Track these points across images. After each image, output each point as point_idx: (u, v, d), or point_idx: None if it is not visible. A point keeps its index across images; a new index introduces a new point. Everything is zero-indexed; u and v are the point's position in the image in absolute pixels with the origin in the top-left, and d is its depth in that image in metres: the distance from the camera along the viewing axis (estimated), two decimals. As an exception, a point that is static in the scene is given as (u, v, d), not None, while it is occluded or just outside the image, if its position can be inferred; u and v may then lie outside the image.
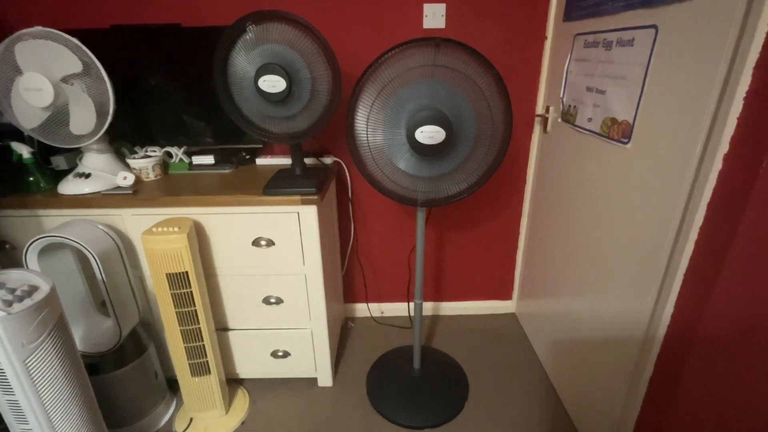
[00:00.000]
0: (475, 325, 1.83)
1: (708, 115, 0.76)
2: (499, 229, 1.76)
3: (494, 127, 1.03)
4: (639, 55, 0.94)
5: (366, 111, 1.01)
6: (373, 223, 1.73)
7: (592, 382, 1.19)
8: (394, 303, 1.90)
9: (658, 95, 0.89)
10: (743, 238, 0.71)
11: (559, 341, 1.42)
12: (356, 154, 1.06)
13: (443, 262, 1.82)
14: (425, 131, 0.98)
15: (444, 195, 1.11)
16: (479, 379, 1.51)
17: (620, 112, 1.01)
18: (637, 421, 1.00)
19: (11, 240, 1.21)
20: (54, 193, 1.18)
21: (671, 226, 0.86)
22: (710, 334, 0.79)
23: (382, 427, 1.33)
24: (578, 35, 1.22)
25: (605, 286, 1.11)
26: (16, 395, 0.79)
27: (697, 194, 0.79)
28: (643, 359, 0.96)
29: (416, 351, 1.47)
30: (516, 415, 1.36)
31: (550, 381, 1.49)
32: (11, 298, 0.76)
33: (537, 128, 1.57)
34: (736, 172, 0.72)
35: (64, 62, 1.05)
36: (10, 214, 1.18)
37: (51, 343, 0.82)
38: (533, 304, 1.68)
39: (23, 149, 1.16)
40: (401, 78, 0.98)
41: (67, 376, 0.86)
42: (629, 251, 1.00)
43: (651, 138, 0.92)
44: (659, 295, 0.90)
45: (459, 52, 0.96)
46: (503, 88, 0.99)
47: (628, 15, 0.98)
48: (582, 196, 1.23)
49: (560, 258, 1.39)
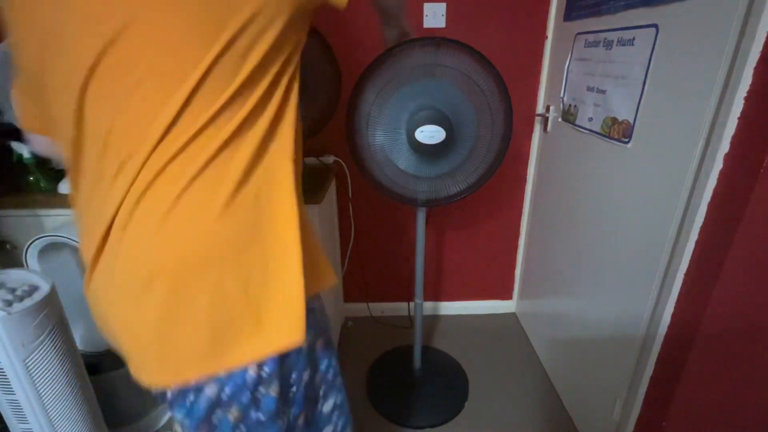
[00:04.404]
0: (475, 325, 1.83)
1: (709, 114, 0.75)
2: (499, 229, 1.76)
3: (494, 127, 1.03)
4: (639, 54, 0.93)
5: (366, 110, 1.01)
6: (373, 223, 1.73)
7: (593, 382, 1.19)
8: (394, 303, 1.90)
9: (659, 95, 0.89)
10: (744, 238, 0.71)
11: (559, 341, 1.42)
12: (356, 154, 1.06)
13: (443, 261, 1.82)
14: (425, 131, 0.98)
15: (444, 195, 1.11)
16: (479, 379, 1.51)
17: (621, 112, 1.01)
18: (637, 421, 1.00)
19: (11, 240, 1.21)
20: (54, 193, 1.17)
21: (672, 226, 0.86)
22: (710, 334, 0.79)
23: (382, 426, 1.33)
24: (579, 35, 1.22)
25: (606, 286, 1.11)
26: (16, 395, 0.79)
27: (697, 194, 0.79)
28: (643, 359, 0.96)
29: (416, 351, 1.47)
30: (516, 415, 1.36)
31: (550, 381, 1.49)
32: (11, 298, 0.76)
33: (537, 128, 1.57)
34: (737, 172, 0.72)
35: (64, 62, 1.04)
36: (10, 213, 1.17)
37: (51, 342, 0.82)
38: (534, 303, 1.68)
39: (23, 149, 1.15)
40: (401, 77, 0.98)
41: (67, 376, 0.86)
42: (630, 251, 1.00)
43: (651, 138, 0.92)
44: (659, 295, 0.90)
45: (459, 52, 0.96)
46: (503, 87, 0.99)
47: (628, 14, 0.98)
48: (582, 196, 1.22)
49: (561, 258, 1.39)
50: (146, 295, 0.47)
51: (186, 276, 0.47)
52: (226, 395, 0.50)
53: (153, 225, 0.46)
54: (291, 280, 0.51)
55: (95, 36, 0.42)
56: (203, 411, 0.50)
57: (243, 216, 0.49)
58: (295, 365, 0.55)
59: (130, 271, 0.48)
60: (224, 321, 0.48)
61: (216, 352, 0.48)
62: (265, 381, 0.51)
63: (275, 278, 0.51)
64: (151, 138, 0.44)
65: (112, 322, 0.51)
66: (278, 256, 0.51)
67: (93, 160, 0.47)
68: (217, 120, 0.45)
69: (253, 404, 0.51)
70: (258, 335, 0.49)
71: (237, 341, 0.49)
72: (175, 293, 0.47)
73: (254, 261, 0.49)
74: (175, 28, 0.42)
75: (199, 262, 0.47)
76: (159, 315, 0.47)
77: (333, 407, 0.65)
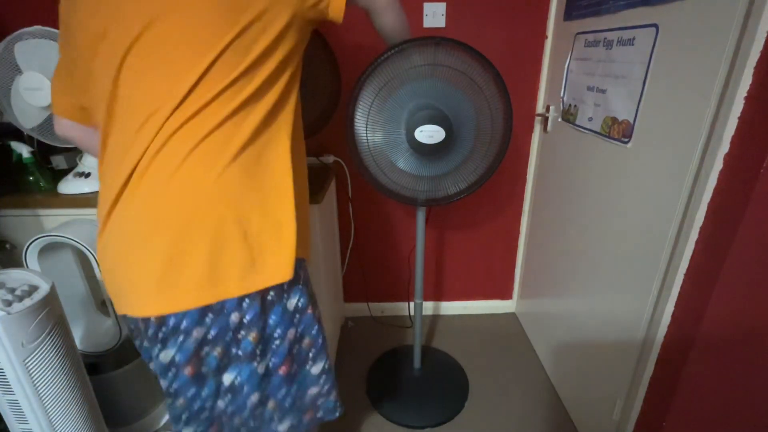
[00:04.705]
0: (475, 325, 1.83)
1: (709, 114, 0.75)
2: (499, 229, 1.75)
3: (494, 126, 1.03)
4: (639, 54, 0.93)
5: (366, 110, 1.01)
6: (373, 223, 1.73)
7: (593, 382, 1.18)
8: (394, 302, 1.90)
9: (659, 95, 0.89)
10: (744, 238, 0.71)
11: (559, 341, 1.42)
12: (356, 154, 1.06)
13: (443, 261, 1.82)
14: (425, 130, 0.98)
15: (444, 194, 1.11)
16: (479, 379, 1.51)
17: (621, 112, 1.01)
18: (637, 421, 1.00)
19: (11, 240, 1.21)
20: (54, 193, 1.18)
21: (672, 226, 0.86)
22: (711, 334, 0.79)
23: (382, 426, 1.33)
24: (579, 34, 1.22)
25: (606, 286, 1.11)
26: (16, 395, 0.79)
27: (697, 194, 0.79)
28: (643, 359, 0.96)
29: (416, 351, 1.47)
30: (516, 415, 1.36)
31: (550, 381, 1.49)
32: (11, 298, 0.76)
33: (537, 127, 1.57)
34: (737, 171, 0.72)
35: (64, 62, 1.04)
36: (10, 213, 1.17)
37: (51, 342, 0.82)
38: (534, 303, 1.68)
39: (23, 149, 1.16)
40: (401, 77, 0.98)
41: (67, 376, 0.86)
42: (630, 251, 1.00)
43: (652, 137, 0.92)
44: (659, 295, 0.90)
45: (459, 52, 0.96)
46: (503, 87, 0.99)
47: (628, 14, 0.98)
48: (582, 196, 1.22)
49: (561, 258, 1.39)
50: (153, 240, 0.56)
51: (189, 224, 0.56)
52: (211, 335, 0.60)
53: (165, 177, 0.56)
54: (286, 232, 0.61)
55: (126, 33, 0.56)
56: (192, 347, 0.60)
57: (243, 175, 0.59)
58: (279, 323, 0.64)
59: (140, 218, 0.57)
60: (221, 263, 0.57)
61: (211, 287, 0.57)
62: (245, 327, 0.61)
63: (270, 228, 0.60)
64: (174, 97, 0.55)
65: (121, 264, 0.59)
66: (274, 210, 0.61)
67: (120, 119, 0.58)
68: (227, 93, 0.57)
69: (234, 343, 0.62)
70: (250, 275, 0.59)
71: (231, 279, 0.58)
72: (179, 238, 0.56)
73: (251, 212, 0.59)
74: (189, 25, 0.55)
75: (201, 212, 0.56)
76: (163, 258, 0.56)
77: (321, 371, 0.71)
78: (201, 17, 0.55)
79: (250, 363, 0.63)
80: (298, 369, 0.69)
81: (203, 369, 0.62)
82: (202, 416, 0.66)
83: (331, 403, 0.75)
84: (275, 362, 0.65)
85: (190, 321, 0.58)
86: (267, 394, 0.66)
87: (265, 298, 0.62)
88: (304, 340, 0.69)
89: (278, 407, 0.68)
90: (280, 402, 0.68)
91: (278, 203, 0.62)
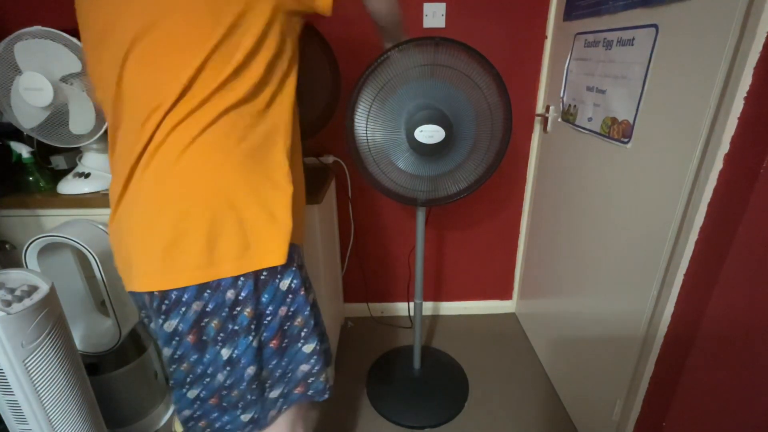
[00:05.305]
0: (475, 325, 1.83)
1: (708, 114, 0.75)
2: (499, 229, 1.76)
3: (494, 127, 1.03)
4: (639, 54, 0.93)
5: (365, 110, 1.01)
6: (373, 223, 1.73)
7: (592, 382, 1.18)
8: (394, 303, 1.90)
9: (659, 95, 0.89)
10: (744, 238, 0.71)
11: (559, 341, 1.42)
12: (356, 154, 1.06)
13: (443, 261, 1.82)
14: (425, 130, 0.98)
15: (444, 194, 1.11)
16: (479, 379, 1.51)
17: (620, 112, 1.01)
18: (637, 421, 1.00)
19: (11, 240, 1.21)
20: (54, 193, 1.17)
21: (671, 226, 0.86)
22: (711, 334, 0.79)
23: (382, 426, 1.33)
24: (578, 34, 1.22)
25: (605, 286, 1.11)
26: (16, 395, 0.79)
27: (697, 194, 0.79)
28: (643, 359, 0.96)
29: (416, 351, 1.47)
30: (516, 415, 1.36)
31: (550, 381, 1.49)
32: (11, 298, 0.76)
33: (537, 128, 1.57)
34: (737, 171, 0.72)
35: (64, 62, 1.04)
36: (10, 213, 1.17)
37: (50, 343, 0.82)
38: (533, 303, 1.68)
39: (23, 149, 1.15)
40: (401, 77, 0.98)
41: (67, 376, 0.86)
42: (629, 251, 1.00)
43: (651, 138, 0.92)
44: (659, 295, 0.90)
45: (458, 52, 0.96)
46: (503, 87, 0.99)
47: (628, 14, 0.98)
48: (582, 196, 1.22)
49: (560, 258, 1.39)
50: (159, 220, 0.62)
51: (190, 209, 0.62)
52: (210, 308, 0.65)
53: (168, 166, 0.62)
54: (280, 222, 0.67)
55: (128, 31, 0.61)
56: (193, 317, 0.65)
57: (240, 166, 0.64)
58: (271, 301, 0.69)
59: (149, 200, 0.63)
60: (218, 246, 0.63)
61: (208, 267, 0.63)
62: (240, 303, 0.66)
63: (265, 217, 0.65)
64: (174, 93, 0.60)
65: (128, 245, 0.65)
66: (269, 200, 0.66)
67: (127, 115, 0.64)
68: (222, 91, 0.62)
69: (230, 318, 0.67)
70: (244, 258, 0.64)
71: (227, 260, 0.64)
72: (180, 222, 0.61)
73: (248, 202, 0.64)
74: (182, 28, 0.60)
75: (201, 200, 0.62)
76: (168, 236, 0.62)
77: (313, 351, 0.76)
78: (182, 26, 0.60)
79: (246, 336, 0.68)
80: (289, 344, 0.74)
81: (204, 337, 0.67)
82: (204, 381, 0.70)
83: (320, 385, 0.79)
84: (267, 336, 0.71)
85: (189, 295, 0.64)
86: (261, 366, 0.72)
87: (259, 278, 0.67)
88: (297, 318, 0.73)
89: (270, 376, 0.74)
90: (272, 371, 0.74)
91: (274, 194, 0.67)
